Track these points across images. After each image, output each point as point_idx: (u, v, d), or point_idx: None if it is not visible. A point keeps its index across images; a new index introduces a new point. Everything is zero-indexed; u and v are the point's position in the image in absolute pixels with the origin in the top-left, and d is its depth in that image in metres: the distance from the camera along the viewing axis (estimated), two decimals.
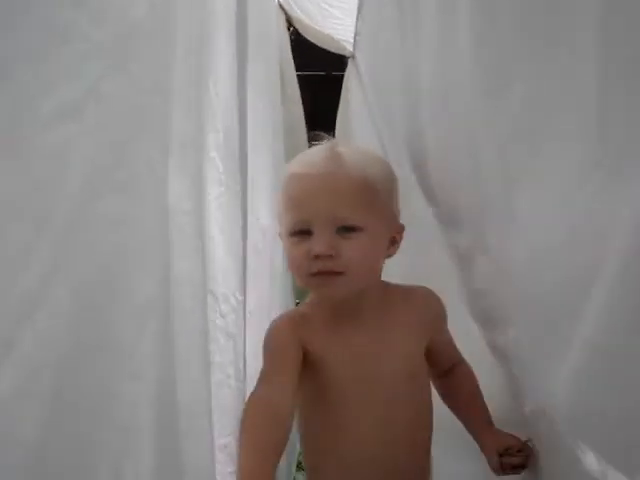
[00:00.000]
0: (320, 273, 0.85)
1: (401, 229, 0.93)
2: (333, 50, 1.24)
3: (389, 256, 0.93)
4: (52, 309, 0.49)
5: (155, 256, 0.62)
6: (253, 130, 1.19)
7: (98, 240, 0.53)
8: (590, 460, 0.65)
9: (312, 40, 1.24)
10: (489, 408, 0.92)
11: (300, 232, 0.86)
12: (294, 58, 1.29)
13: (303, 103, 1.33)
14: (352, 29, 1.19)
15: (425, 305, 0.95)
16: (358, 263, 0.86)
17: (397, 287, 0.98)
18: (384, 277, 0.96)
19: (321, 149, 0.94)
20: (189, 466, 0.61)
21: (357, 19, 1.18)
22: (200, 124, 0.84)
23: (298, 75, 1.31)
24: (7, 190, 0.50)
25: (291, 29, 1.26)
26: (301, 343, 0.90)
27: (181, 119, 0.73)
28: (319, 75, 1.36)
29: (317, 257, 0.84)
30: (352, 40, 1.22)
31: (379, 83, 1.21)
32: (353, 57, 1.24)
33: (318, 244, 0.84)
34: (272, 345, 0.89)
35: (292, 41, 1.27)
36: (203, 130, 0.86)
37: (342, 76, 1.30)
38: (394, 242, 0.92)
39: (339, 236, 0.85)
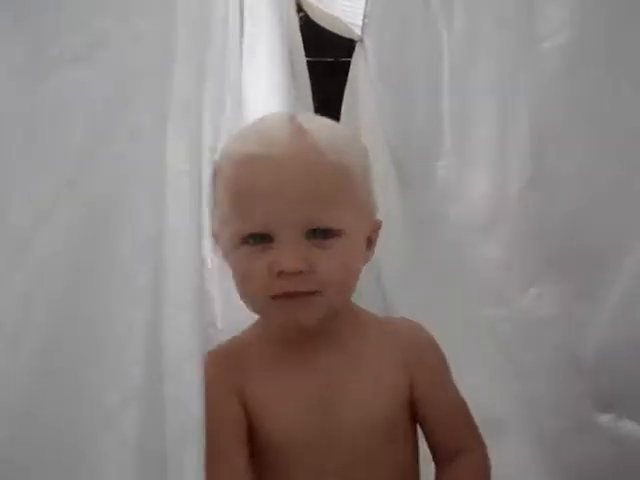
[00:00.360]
0: (287, 295, 0.65)
1: (378, 226, 0.74)
2: (342, 34, 1.25)
3: (365, 263, 0.74)
4: (64, 222, 0.53)
5: (152, 202, 0.63)
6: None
7: (103, 174, 0.55)
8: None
9: (321, 23, 1.25)
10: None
11: (255, 238, 0.66)
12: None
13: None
14: (362, 12, 1.20)
15: (408, 342, 0.73)
16: (338, 279, 0.66)
17: (373, 316, 0.78)
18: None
19: (278, 120, 0.73)
20: (175, 397, 0.60)
21: (367, 1, 1.19)
22: (200, 90, 0.84)
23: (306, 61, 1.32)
24: (22, 121, 0.52)
25: (301, 14, 1.28)
26: (239, 393, 0.68)
27: (182, 82, 0.74)
28: (326, 62, 1.37)
29: (282, 274, 0.64)
30: (361, 23, 1.23)
31: (388, 67, 1.22)
32: (361, 41, 1.25)
33: (286, 256, 0.63)
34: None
35: (300, 27, 1.28)
36: (203, 96, 0.85)
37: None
38: (370, 244, 0.73)
39: (310, 243, 0.65)
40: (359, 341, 0.71)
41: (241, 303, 0.71)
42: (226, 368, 0.69)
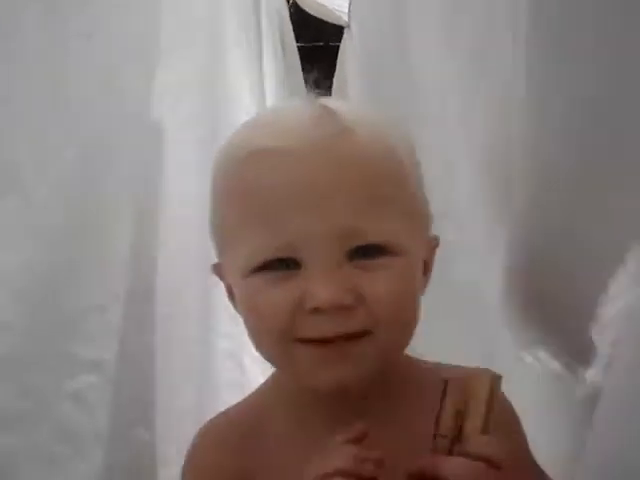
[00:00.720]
0: (323, 342, 0.47)
1: (435, 244, 0.58)
2: (329, 20, 1.31)
3: (422, 293, 0.56)
4: (70, 157, 0.83)
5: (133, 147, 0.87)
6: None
7: (97, 124, 0.74)
8: None
9: (308, 10, 1.31)
10: None
11: (277, 264, 0.48)
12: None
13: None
14: None
15: None
16: (394, 311, 0.48)
17: (433, 370, 0.58)
18: None
19: (297, 105, 0.58)
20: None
21: None
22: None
23: (297, 46, 1.38)
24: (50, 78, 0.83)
25: (290, 1, 1.34)
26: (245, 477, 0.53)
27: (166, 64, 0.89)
28: (317, 46, 1.43)
29: (318, 310, 0.46)
30: (347, 10, 1.29)
31: (373, 51, 1.27)
32: (349, 27, 1.30)
33: (323, 286, 0.45)
34: None
35: (290, 12, 1.34)
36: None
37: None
38: (426, 268, 0.56)
39: (353, 265, 0.48)
40: (415, 410, 0.52)
41: None
42: (232, 451, 0.53)
